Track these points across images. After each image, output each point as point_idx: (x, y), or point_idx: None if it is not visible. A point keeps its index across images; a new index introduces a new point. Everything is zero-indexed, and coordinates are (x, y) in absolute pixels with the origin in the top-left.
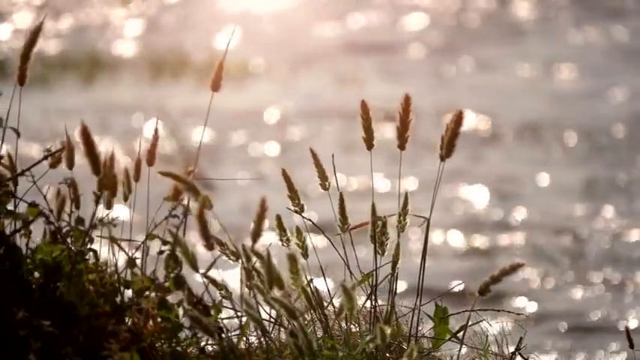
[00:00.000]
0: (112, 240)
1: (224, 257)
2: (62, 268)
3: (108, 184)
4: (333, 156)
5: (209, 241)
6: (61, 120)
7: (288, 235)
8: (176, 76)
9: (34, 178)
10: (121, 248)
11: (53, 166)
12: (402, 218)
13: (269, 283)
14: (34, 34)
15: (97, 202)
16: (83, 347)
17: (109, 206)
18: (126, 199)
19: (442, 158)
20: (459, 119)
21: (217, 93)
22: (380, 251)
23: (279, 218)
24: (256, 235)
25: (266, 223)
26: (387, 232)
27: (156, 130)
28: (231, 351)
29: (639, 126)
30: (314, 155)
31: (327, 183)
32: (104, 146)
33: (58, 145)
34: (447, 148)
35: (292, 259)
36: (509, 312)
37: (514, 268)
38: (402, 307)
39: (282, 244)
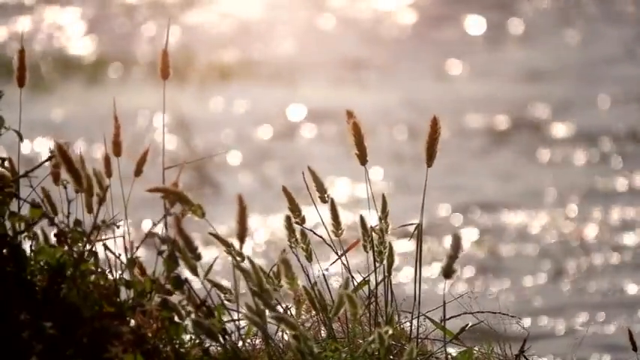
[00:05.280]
0: (105, 247)
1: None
2: (65, 270)
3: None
4: None
5: (195, 252)
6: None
7: (297, 237)
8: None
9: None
10: (113, 254)
11: (56, 167)
12: (383, 222)
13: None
14: None
15: (99, 204)
16: (86, 349)
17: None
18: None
19: (429, 165)
20: (434, 125)
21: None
22: (378, 259)
23: (288, 219)
24: (242, 235)
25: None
26: (385, 242)
27: (115, 119)
28: (235, 353)
29: None
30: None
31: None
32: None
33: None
34: (429, 155)
35: (286, 263)
36: (503, 314)
37: (457, 240)
38: (403, 311)
39: (290, 246)
